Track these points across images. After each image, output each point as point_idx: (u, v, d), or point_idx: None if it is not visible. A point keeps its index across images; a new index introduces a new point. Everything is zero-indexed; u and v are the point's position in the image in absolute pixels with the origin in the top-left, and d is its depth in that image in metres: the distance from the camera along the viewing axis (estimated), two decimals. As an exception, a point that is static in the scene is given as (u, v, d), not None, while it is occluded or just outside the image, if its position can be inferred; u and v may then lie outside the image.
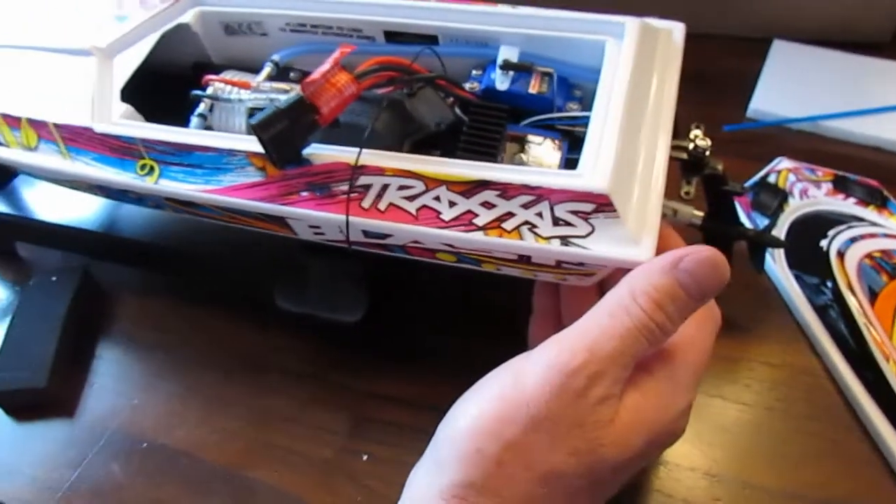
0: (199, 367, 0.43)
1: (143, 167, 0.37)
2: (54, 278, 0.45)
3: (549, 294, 0.36)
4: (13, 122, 0.40)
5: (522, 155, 0.35)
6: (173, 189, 0.36)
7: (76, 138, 0.38)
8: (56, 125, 0.39)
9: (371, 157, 0.32)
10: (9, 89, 0.42)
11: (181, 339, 0.44)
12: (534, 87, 0.36)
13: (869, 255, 0.42)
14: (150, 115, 0.39)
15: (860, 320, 0.39)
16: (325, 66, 0.31)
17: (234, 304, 0.46)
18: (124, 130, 0.37)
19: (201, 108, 0.39)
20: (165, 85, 0.41)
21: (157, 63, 0.41)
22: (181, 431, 0.40)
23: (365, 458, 0.38)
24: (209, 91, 0.39)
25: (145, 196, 0.39)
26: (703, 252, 0.27)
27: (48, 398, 0.41)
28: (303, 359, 0.43)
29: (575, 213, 0.30)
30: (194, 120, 0.39)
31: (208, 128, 0.39)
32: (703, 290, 0.28)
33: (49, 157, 0.39)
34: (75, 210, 0.52)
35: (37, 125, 0.39)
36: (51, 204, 0.53)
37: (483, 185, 0.31)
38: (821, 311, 0.41)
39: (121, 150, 0.37)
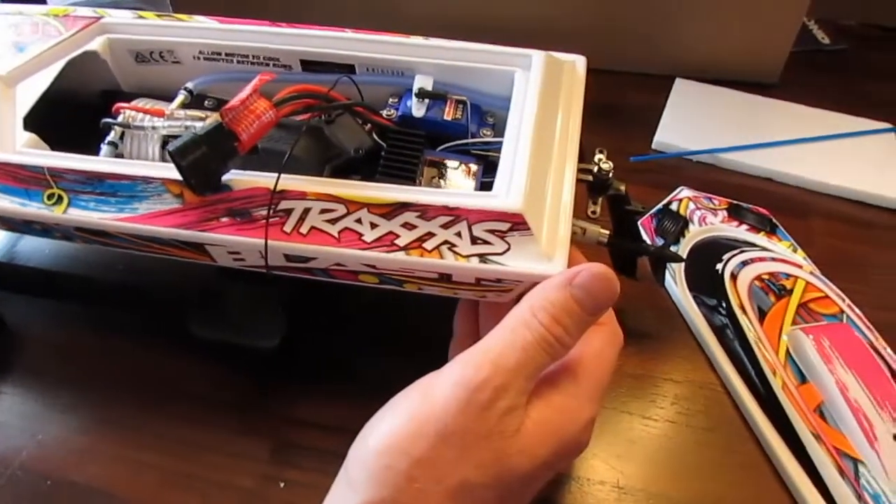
0: (110, 400, 0.41)
1: (50, 196, 0.36)
2: (-50, 313, 0.42)
3: (469, 318, 0.38)
4: None
5: (440, 179, 0.37)
6: (84, 218, 0.35)
7: (-26, 168, 0.37)
8: (-48, 155, 0.37)
9: (292, 181, 0.33)
10: None
11: (90, 371, 0.43)
12: (448, 114, 0.38)
13: (759, 277, 0.45)
14: (57, 144, 0.38)
15: (751, 338, 0.42)
16: (244, 94, 0.32)
17: (145, 333, 0.44)
18: (29, 159, 0.36)
19: (112, 136, 0.39)
20: (72, 114, 0.41)
21: (63, 91, 0.40)
22: (91, 467, 0.38)
23: (282, 485, 0.38)
24: (120, 119, 0.39)
25: (53, 227, 0.37)
26: (595, 268, 0.29)
27: (-57, 440, 0.38)
28: (219, 386, 0.42)
29: (492, 231, 0.31)
30: (105, 148, 0.38)
31: (119, 156, 0.39)
32: (596, 304, 0.29)
33: (-55, 189, 0.37)
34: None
35: (-70, 155, 0.37)
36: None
37: (403, 206, 0.32)
38: (718, 331, 0.44)
39: (26, 179, 0.36)
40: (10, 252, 0.50)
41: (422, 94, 0.38)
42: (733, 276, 0.45)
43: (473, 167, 0.37)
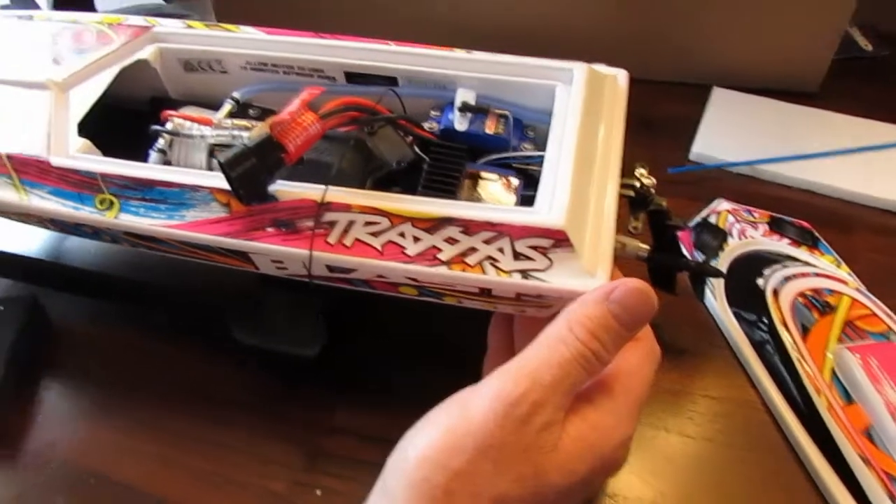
0: (150, 400, 0.42)
1: (102, 202, 0.37)
2: (1, 308, 0.43)
3: (504, 332, 0.38)
4: (-38, 154, 0.39)
5: (480, 192, 0.37)
6: (134, 224, 0.36)
7: (31, 171, 0.38)
8: (9, 156, 0.38)
9: (337, 193, 0.33)
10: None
11: (131, 371, 0.44)
12: (490, 128, 0.38)
13: (801, 294, 0.45)
14: (107, 149, 0.39)
15: (794, 355, 0.41)
16: (293, 107, 0.32)
17: (187, 335, 0.45)
18: (83, 164, 0.37)
19: (161, 143, 0.39)
20: (121, 120, 0.42)
21: (114, 98, 0.41)
22: (129, 465, 0.39)
23: (319, 492, 0.38)
24: (169, 126, 0.39)
25: (102, 230, 0.38)
26: (632, 283, 0.29)
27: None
28: (256, 391, 0.43)
29: (534, 247, 0.31)
30: (154, 155, 0.39)
31: (167, 163, 0.39)
32: (633, 319, 0.29)
33: (2, 191, 0.38)
34: (22, 238, 0.51)
35: (-12, 158, 0.39)
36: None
37: (447, 221, 0.32)
38: (758, 347, 0.43)
39: (79, 184, 0.37)
40: (57, 251, 0.51)
41: (464, 107, 0.38)
42: (775, 292, 0.45)
43: (514, 181, 0.37)
